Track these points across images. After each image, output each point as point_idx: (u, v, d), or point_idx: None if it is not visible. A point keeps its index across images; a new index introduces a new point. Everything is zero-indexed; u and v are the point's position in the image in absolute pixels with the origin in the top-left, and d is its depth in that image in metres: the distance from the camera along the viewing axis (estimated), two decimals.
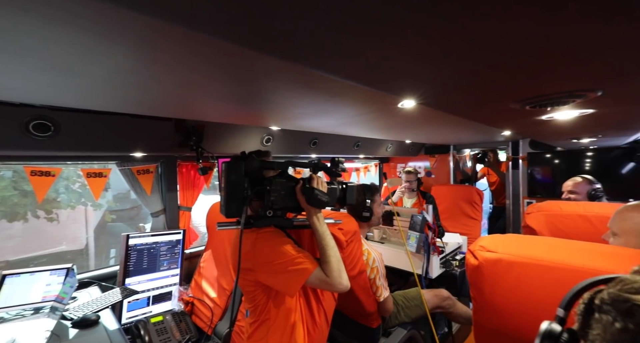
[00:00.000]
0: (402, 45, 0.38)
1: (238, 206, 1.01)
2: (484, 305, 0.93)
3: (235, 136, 1.94)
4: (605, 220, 1.42)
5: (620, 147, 2.47)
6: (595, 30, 0.31)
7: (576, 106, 0.53)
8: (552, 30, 0.34)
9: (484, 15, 0.31)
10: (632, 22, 0.30)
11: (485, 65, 0.40)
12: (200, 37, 0.44)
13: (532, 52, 0.36)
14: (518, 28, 0.33)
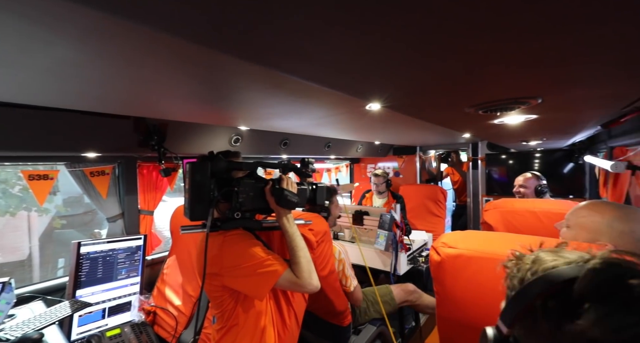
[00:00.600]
0: (363, 50, 0.39)
1: (204, 208, 0.97)
2: (446, 298, 0.98)
3: (202, 136, 1.86)
4: (550, 215, 1.58)
5: (562, 149, 2.74)
6: (532, 46, 0.34)
7: (522, 112, 0.58)
8: (496, 46, 0.37)
9: (437, 30, 0.33)
10: (560, 39, 0.34)
11: (442, 72, 0.43)
12: (154, 33, 0.42)
13: (481, 63, 0.39)
14: (467, 42, 0.36)
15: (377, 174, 3.03)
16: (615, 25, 0.31)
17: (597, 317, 0.28)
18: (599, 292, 0.29)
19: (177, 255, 1.85)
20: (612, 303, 0.28)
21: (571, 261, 0.34)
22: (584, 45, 0.37)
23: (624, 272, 0.30)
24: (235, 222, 1.04)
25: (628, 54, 0.39)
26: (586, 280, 0.30)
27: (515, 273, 0.39)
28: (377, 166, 4.06)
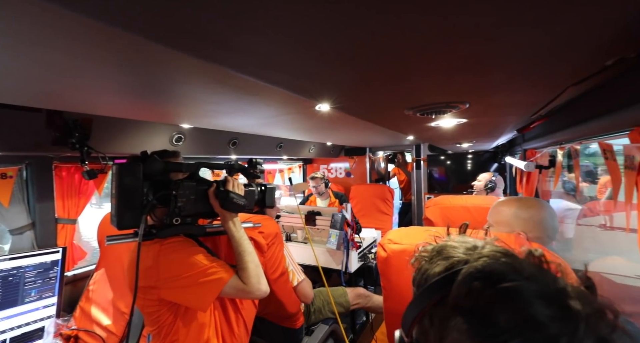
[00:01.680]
0: (300, 47, 0.38)
1: (134, 216, 0.86)
2: (392, 293, 1.02)
3: (137, 134, 1.66)
4: (480, 209, 1.77)
5: (488, 151, 3.12)
6: (455, 53, 0.37)
7: (453, 115, 0.64)
8: (427, 56, 0.39)
9: (376, 36, 0.34)
10: (472, 50, 0.37)
11: (380, 75, 0.44)
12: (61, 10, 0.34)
13: (413, 68, 0.41)
14: (398, 49, 0.37)
15: (314, 177, 3.14)
16: (512, 40, 0.35)
17: (465, 332, 0.28)
18: (468, 303, 0.30)
19: (106, 268, 1.63)
20: (476, 314, 0.29)
21: (458, 259, 0.35)
22: (492, 56, 0.41)
23: (496, 278, 0.30)
24: (174, 229, 0.94)
25: (524, 66, 0.44)
26: (457, 292, 0.31)
27: (416, 274, 0.41)
28: (330, 166, 4.14)
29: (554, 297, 0.28)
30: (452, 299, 0.31)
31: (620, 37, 0.38)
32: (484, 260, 0.32)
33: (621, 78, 0.64)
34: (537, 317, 0.27)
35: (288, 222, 2.50)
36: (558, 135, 1.18)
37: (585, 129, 0.91)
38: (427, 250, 0.41)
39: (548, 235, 1.02)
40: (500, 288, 0.29)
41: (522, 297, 0.28)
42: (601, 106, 0.76)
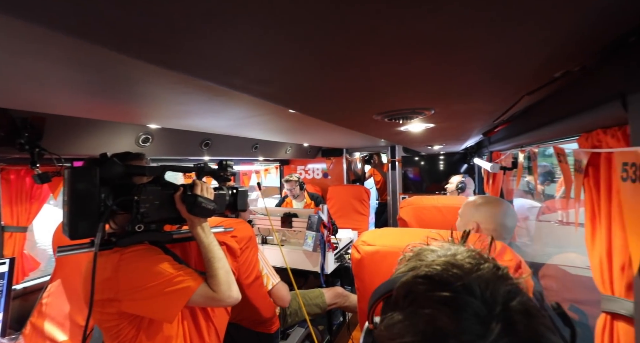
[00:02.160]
0: (265, 56, 0.37)
1: (90, 224, 0.80)
2: (365, 294, 1.03)
3: (98, 134, 1.55)
4: (450, 209, 1.84)
5: (459, 152, 3.25)
6: (412, 62, 0.37)
7: (421, 121, 0.66)
8: (388, 64, 0.39)
9: (336, 41, 0.33)
10: (429, 60, 0.38)
11: (349, 82, 0.44)
12: None
13: (381, 76, 0.41)
14: (362, 55, 0.37)
15: (289, 180, 3.15)
16: (468, 54, 0.36)
17: (383, 319, 0.33)
18: (406, 303, 0.33)
19: (63, 279, 1.50)
20: (411, 313, 0.31)
21: (420, 264, 0.37)
22: (452, 67, 0.42)
23: (436, 284, 0.32)
24: (136, 236, 0.89)
25: (482, 77, 0.46)
26: (397, 290, 0.34)
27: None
28: (307, 168, 4.12)
29: (487, 319, 0.28)
30: (394, 296, 0.34)
31: (564, 53, 0.40)
32: (434, 268, 0.33)
33: (569, 89, 0.68)
34: (466, 331, 0.27)
35: (264, 225, 2.45)
36: (519, 139, 1.25)
37: (542, 133, 0.96)
38: (412, 251, 0.43)
39: (503, 230, 1.11)
40: (437, 296, 0.30)
41: (456, 309, 0.29)
42: (554, 113, 0.82)
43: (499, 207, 1.13)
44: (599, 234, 0.58)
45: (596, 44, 0.40)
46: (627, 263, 0.51)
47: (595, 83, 0.55)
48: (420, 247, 0.44)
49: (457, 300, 0.29)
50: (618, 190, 0.54)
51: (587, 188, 0.62)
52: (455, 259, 0.35)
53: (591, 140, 0.62)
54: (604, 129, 0.58)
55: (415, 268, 0.36)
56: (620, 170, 0.51)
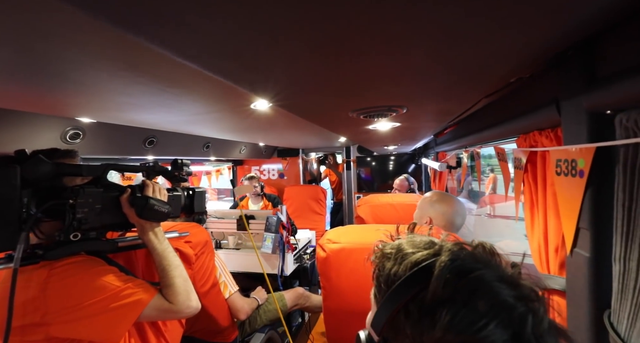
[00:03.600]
0: (259, 35, 0.34)
1: (8, 234, 0.65)
2: (332, 291, 1.03)
3: (10, 127, 1.28)
4: (405, 206, 1.96)
5: (408, 153, 3.51)
6: (396, 62, 0.39)
7: (390, 119, 0.69)
8: (370, 60, 0.40)
9: (327, 31, 0.33)
10: (394, 61, 0.40)
11: (331, 78, 0.43)
12: None
13: (362, 72, 0.42)
14: (346, 58, 0.37)
15: (252, 177, 3.03)
16: (443, 57, 0.39)
17: (448, 323, 0.29)
18: (450, 294, 0.31)
19: None
20: (458, 304, 0.30)
21: (424, 254, 0.37)
22: (426, 68, 0.45)
23: (468, 267, 0.32)
24: (71, 247, 0.75)
25: (453, 78, 0.50)
26: (437, 283, 0.32)
27: (380, 273, 0.40)
28: (262, 168, 4.02)
29: (511, 281, 0.32)
30: (432, 292, 0.32)
31: (523, 61, 0.46)
32: (450, 254, 0.34)
33: (512, 95, 0.78)
34: (506, 299, 0.30)
35: (218, 228, 2.31)
36: (463, 140, 1.39)
37: (484, 135, 1.08)
38: (389, 248, 0.41)
39: (452, 227, 1.22)
40: (472, 278, 0.31)
41: (490, 283, 0.31)
42: (496, 117, 0.92)
43: (452, 206, 1.22)
44: (537, 221, 0.67)
45: (545, 54, 0.46)
46: (560, 245, 0.60)
47: (535, 89, 0.63)
48: (399, 242, 0.43)
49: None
50: (552, 183, 0.63)
51: (527, 183, 0.72)
52: (454, 243, 0.37)
53: (529, 141, 0.72)
54: (539, 131, 0.67)
55: (423, 261, 0.35)
56: (554, 165, 0.59)
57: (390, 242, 0.46)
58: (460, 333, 0.29)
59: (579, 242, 0.52)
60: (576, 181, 0.51)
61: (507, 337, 0.28)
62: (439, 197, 1.26)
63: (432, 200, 1.28)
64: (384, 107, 0.57)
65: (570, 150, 0.54)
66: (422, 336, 0.31)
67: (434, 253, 0.36)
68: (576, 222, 0.51)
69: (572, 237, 0.53)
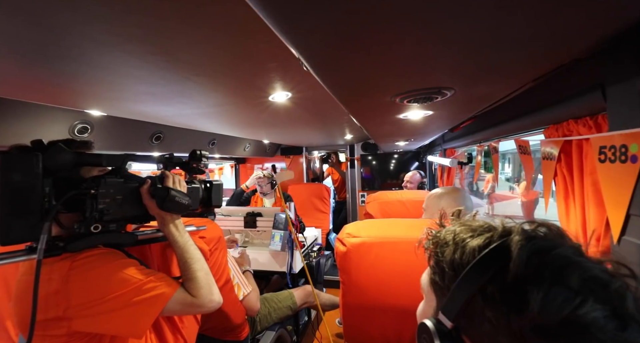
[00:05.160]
0: None
1: (29, 225, 0.63)
2: (351, 286, 1.02)
3: (16, 120, 1.25)
4: (414, 203, 1.95)
5: (411, 152, 3.50)
6: (450, 32, 0.37)
7: (427, 107, 0.67)
8: (426, 34, 0.38)
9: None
10: (476, 25, 0.38)
11: (385, 53, 0.41)
12: None
13: (418, 50, 0.39)
14: (400, 32, 0.35)
15: (261, 176, 2.97)
16: (511, 22, 0.37)
17: (541, 302, 0.28)
18: (535, 272, 0.29)
19: None
20: (547, 281, 0.28)
21: (488, 236, 0.35)
22: (485, 40, 0.42)
23: (548, 245, 0.31)
24: (92, 239, 0.73)
25: (495, 58, 0.47)
26: (520, 261, 0.30)
27: (441, 257, 0.39)
28: (265, 166, 3.99)
29: (591, 257, 0.31)
30: (514, 272, 0.30)
31: (574, 43, 0.45)
32: (524, 232, 0.33)
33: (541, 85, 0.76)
34: (599, 274, 0.29)
35: (225, 226, 2.29)
36: (479, 135, 1.38)
37: (505, 128, 1.07)
38: (445, 233, 0.40)
39: (465, 211, 1.23)
40: (556, 255, 0.30)
41: (577, 259, 0.30)
42: (520, 109, 0.91)
43: (459, 192, 1.25)
44: (573, 210, 0.66)
45: (596, 37, 0.45)
46: (603, 234, 0.59)
47: (574, 76, 0.62)
48: (453, 228, 0.41)
49: None
50: (591, 172, 0.62)
51: (560, 173, 0.71)
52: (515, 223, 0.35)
53: (561, 130, 0.71)
54: (575, 119, 0.66)
55: (500, 239, 0.33)
56: (597, 153, 0.58)
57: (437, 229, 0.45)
58: (558, 312, 0.27)
59: (628, 229, 0.51)
60: (627, 167, 0.49)
61: (608, 312, 0.27)
62: (443, 190, 1.29)
63: (437, 194, 1.29)
64: (433, 90, 0.54)
65: (618, 135, 0.52)
66: (509, 318, 0.29)
67: (502, 233, 0.35)
68: (626, 209, 0.50)
69: (621, 224, 0.52)
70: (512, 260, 0.30)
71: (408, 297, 0.94)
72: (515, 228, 0.34)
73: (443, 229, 0.42)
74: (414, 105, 0.64)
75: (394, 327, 1.00)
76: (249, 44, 0.62)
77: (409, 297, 0.94)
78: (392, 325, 1.00)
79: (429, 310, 0.41)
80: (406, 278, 0.93)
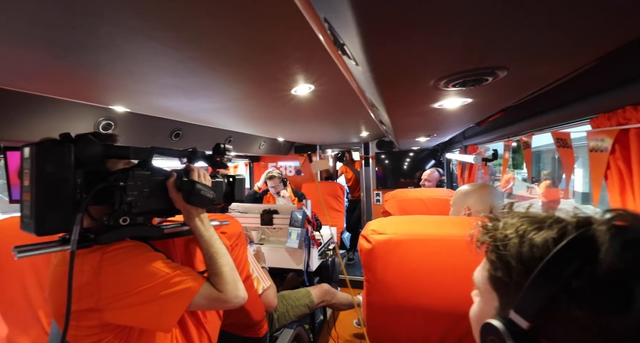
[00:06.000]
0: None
1: (62, 215, 0.63)
2: (376, 285, 0.99)
3: (46, 115, 1.27)
4: (434, 201, 1.90)
5: (428, 149, 3.42)
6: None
7: (469, 93, 0.63)
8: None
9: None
10: None
11: (427, 29, 0.37)
12: None
13: (460, 20, 0.35)
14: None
15: (273, 176, 2.97)
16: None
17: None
18: (631, 266, 0.26)
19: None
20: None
21: (560, 228, 0.32)
22: (535, 14, 0.37)
23: (633, 234, 0.28)
24: (121, 232, 0.73)
25: (556, 33, 0.42)
26: (613, 252, 0.27)
27: (504, 251, 0.35)
28: (279, 165, 3.99)
29: None
30: (606, 264, 0.27)
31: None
32: (608, 222, 0.29)
33: (590, 71, 0.71)
34: None
35: (241, 223, 2.29)
36: (507, 129, 1.31)
37: (541, 120, 1.01)
38: (505, 226, 0.36)
39: (494, 205, 1.17)
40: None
41: None
42: (563, 97, 0.85)
43: (487, 189, 1.20)
44: (632, 205, 0.61)
45: None
46: None
47: (634, 59, 0.57)
48: (512, 221, 0.37)
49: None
50: None
51: (614, 166, 0.66)
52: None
53: (616, 119, 0.66)
54: (634, 105, 0.61)
55: (577, 231, 0.30)
56: None
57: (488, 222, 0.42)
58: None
59: None
60: None
61: None
62: (470, 186, 1.24)
63: (464, 191, 1.25)
64: (485, 70, 0.49)
65: None
66: (607, 319, 0.26)
67: (578, 224, 0.31)
68: None
69: None
70: (601, 251, 0.27)
71: (438, 298, 0.90)
72: (596, 218, 0.31)
73: (499, 222, 0.39)
74: (454, 92, 0.60)
75: (421, 328, 0.96)
76: (279, 31, 0.60)
77: (439, 298, 0.90)
78: (420, 326, 0.97)
79: (489, 309, 0.38)
80: (437, 278, 0.90)
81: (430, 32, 0.36)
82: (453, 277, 0.88)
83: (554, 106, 0.90)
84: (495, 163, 1.95)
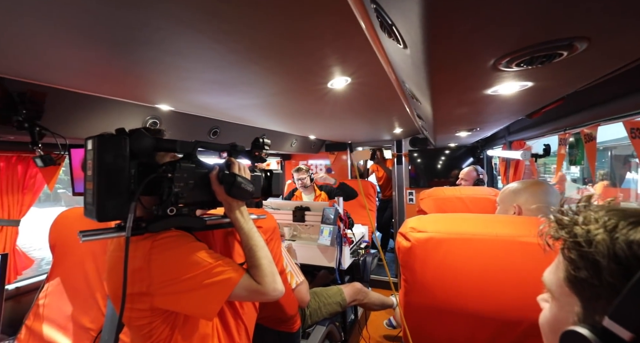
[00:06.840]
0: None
1: (119, 203, 0.68)
2: (415, 285, 0.94)
3: (103, 115, 1.39)
4: (474, 200, 1.78)
5: (465, 147, 3.23)
6: None
7: (532, 75, 0.57)
8: None
9: None
10: None
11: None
12: None
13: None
14: None
15: (300, 169, 2.90)
16: None
17: None
18: None
19: (63, 277, 1.35)
20: None
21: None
22: None
23: None
24: (168, 221, 0.77)
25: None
26: None
27: (589, 249, 0.31)
28: (309, 163, 4.01)
29: None
30: None
31: None
32: None
33: None
34: None
35: None
36: (563, 122, 1.19)
37: (608, 108, 0.90)
38: (587, 221, 0.32)
39: (547, 208, 1.07)
40: None
41: None
42: (637, 81, 0.74)
43: (541, 186, 1.10)
44: None
45: None
46: None
47: None
48: (595, 216, 0.33)
49: None
50: None
51: None
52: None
53: None
54: None
55: None
56: None
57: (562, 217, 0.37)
58: None
59: None
60: None
61: None
62: (520, 183, 1.14)
63: (513, 188, 1.14)
64: (560, 43, 0.42)
65: None
66: None
67: None
68: None
69: None
70: None
71: (485, 301, 0.84)
72: None
73: (577, 216, 0.34)
74: (514, 74, 0.54)
75: (466, 332, 0.91)
76: (319, 17, 0.59)
77: (486, 302, 0.84)
78: (464, 330, 0.91)
79: (566, 316, 0.33)
80: (484, 280, 0.84)
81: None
82: (503, 280, 0.82)
83: (628, 91, 0.79)
84: (538, 162, 1.78)
